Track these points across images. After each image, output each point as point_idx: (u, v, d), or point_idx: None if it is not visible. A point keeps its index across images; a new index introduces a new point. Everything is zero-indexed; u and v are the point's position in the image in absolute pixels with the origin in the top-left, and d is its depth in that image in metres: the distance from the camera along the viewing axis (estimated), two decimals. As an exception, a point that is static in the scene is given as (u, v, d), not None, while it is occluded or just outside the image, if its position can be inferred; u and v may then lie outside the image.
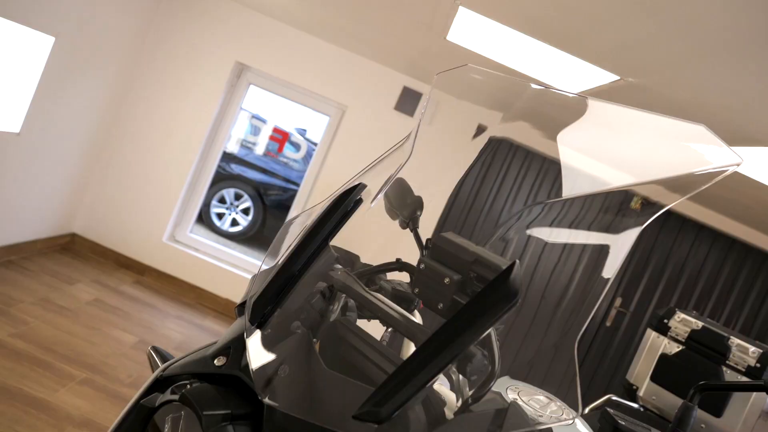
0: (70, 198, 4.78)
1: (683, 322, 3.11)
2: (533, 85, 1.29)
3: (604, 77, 2.77)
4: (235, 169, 6.87)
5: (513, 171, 4.89)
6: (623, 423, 0.87)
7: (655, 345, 3.10)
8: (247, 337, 0.86)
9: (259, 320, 0.86)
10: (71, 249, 4.93)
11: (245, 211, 6.78)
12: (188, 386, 0.83)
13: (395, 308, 0.91)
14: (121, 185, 4.96)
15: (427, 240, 1.00)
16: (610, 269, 0.97)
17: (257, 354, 0.85)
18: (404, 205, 1.26)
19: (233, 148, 6.90)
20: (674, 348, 3.06)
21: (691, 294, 4.95)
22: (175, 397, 0.82)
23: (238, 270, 5.09)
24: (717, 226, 4.91)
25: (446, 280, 0.92)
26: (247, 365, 0.86)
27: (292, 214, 5.19)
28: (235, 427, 0.78)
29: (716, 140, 0.91)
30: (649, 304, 4.99)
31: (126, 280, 4.77)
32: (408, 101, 4.82)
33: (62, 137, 4.39)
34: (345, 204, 0.94)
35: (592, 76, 2.84)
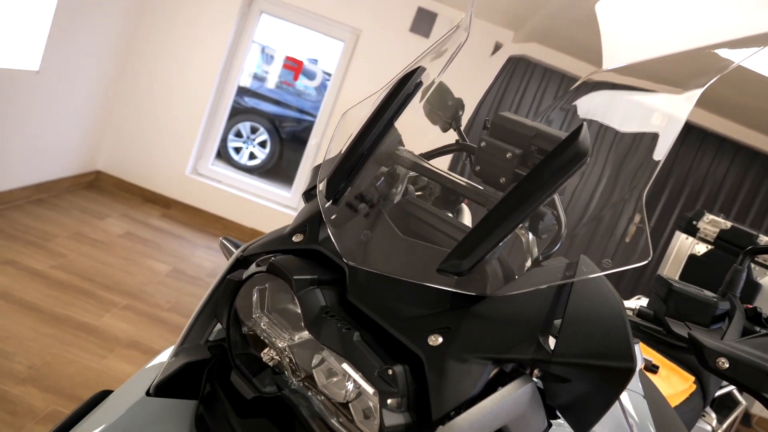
0: (92, 135, 4.82)
1: (712, 222, 3.17)
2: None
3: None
4: (249, 102, 6.83)
5: (531, 90, 4.84)
6: (677, 285, 0.92)
7: (684, 246, 3.18)
8: (325, 211, 0.91)
9: (334, 196, 0.91)
10: (97, 186, 5.00)
11: (262, 144, 6.79)
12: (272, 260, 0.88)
13: (462, 178, 0.95)
14: (142, 121, 4.98)
15: (485, 120, 1.03)
16: (662, 150, 0.90)
17: (336, 225, 0.90)
18: (446, 107, 1.28)
19: (246, 81, 6.85)
20: (703, 248, 3.13)
21: (711, 207, 4.97)
22: (263, 268, 0.88)
23: (262, 200, 5.15)
24: (739, 138, 4.87)
25: (508, 155, 0.95)
26: (326, 238, 0.91)
27: (311, 143, 5.20)
28: (322, 290, 0.84)
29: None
30: (669, 220, 5.02)
31: (153, 213, 4.87)
32: (423, 22, 4.73)
33: (80, 74, 4.38)
34: (407, 86, 0.97)
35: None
